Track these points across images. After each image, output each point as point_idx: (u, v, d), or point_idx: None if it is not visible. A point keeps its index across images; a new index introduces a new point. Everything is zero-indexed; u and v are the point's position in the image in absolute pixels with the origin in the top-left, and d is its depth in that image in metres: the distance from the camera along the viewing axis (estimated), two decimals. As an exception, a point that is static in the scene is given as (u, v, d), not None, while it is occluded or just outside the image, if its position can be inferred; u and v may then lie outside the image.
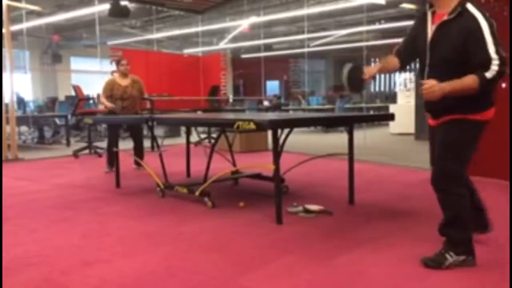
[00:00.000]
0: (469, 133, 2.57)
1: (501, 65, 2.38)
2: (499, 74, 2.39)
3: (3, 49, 7.59)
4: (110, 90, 6.15)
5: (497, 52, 2.39)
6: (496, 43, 2.40)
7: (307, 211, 3.83)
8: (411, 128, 10.40)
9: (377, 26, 14.67)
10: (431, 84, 2.44)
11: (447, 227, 2.65)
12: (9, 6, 7.79)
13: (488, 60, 2.38)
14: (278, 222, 3.55)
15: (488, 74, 2.38)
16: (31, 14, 11.14)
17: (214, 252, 2.96)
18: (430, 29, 2.64)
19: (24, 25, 10.00)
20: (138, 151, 6.35)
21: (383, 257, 2.80)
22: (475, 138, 2.60)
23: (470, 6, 2.48)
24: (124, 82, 6.24)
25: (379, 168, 6.37)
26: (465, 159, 2.60)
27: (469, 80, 2.41)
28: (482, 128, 2.60)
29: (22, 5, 9.35)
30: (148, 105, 7.49)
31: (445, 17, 2.54)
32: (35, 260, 2.84)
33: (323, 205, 3.94)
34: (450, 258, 2.58)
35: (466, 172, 2.66)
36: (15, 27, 9.35)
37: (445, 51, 2.54)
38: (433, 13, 2.65)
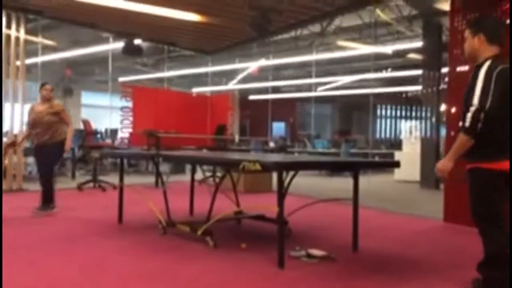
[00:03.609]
0: (481, 181, 2.75)
1: (476, 111, 2.63)
2: (474, 119, 2.64)
3: (17, 82, 7.79)
4: (29, 116, 5.77)
5: (480, 98, 2.63)
6: (483, 91, 2.64)
7: (309, 256, 3.77)
8: (416, 176, 10.35)
9: (383, 74, 14.90)
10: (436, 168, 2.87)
11: (484, 266, 2.76)
12: (25, 40, 8.03)
13: (470, 105, 2.66)
14: (279, 266, 3.49)
15: (466, 123, 2.67)
16: (46, 48, 11.44)
17: (213, 294, 2.90)
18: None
19: (39, 59, 10.25)
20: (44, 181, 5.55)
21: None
22: (490, 185, 2.73)
23: (488, 61, 2.74)
24: (42, 107, 5.70)
25: (383, 215, 6.31)
26: (489, 203, 2.74)
27: (459, 137, 2.75)
28: (495, 177, 2.70)
29: (38, 39, 9.63)
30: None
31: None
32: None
33: (326, 250, 3.88)
34: None
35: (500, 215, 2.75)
36: (30, 61, 9.59)
37: (465, 96, 2.83)
38: None
